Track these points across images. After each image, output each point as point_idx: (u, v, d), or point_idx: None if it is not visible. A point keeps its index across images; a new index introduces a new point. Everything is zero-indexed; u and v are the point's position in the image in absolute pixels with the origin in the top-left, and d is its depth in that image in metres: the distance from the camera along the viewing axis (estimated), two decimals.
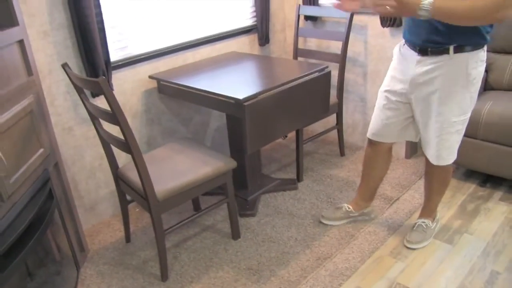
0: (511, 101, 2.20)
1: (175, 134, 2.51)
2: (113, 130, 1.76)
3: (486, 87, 2.44)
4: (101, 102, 2.05)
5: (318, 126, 3.02)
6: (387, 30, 2.50)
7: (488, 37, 1.54)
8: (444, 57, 1.56)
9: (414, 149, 2.71)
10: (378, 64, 2.62)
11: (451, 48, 1.53)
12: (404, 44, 1.71)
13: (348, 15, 2.43)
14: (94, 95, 2.07)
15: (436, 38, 1.54)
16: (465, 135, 1.82)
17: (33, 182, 1.57)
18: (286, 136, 2.99)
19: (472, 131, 2.18)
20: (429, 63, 1.60)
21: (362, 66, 2.71)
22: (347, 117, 2.89)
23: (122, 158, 2.11)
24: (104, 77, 1.97)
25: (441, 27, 1.50)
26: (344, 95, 2.73)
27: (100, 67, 1.99)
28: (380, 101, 1.84)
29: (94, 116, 1.77)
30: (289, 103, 1.99)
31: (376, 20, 2.50)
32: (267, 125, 1.93)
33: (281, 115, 1.98)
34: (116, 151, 1.86)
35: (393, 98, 1.77)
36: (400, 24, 2.40)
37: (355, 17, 2.51)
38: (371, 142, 1.93)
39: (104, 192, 2.28)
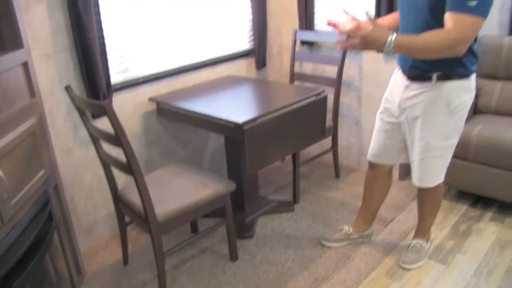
0: (499, 124, 2.28)
1: (173, 156, 2.52)
2: (113, 151, 1.78)
3: (476, 111, 2.52)
4: (101, 124, 2.07)
5: (313, 149, 3.05)
6: (381, 55, 2.58)
7: (472, 68, 1.59)
8: (427, 84, 1.62)
9: (408, 171, 2.75)
10: (373, 88, 2.70)
11: (434, 76, 1.59)
12: (398, 69, 1.78)
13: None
14: (95, 117, 2.09)
15: (420, 65, 1.60)
16: (456, 157, 1.87)
17: (34, 204, 1.55)
18: (283, 159, 3.02)
19: (463, 154, 2.25)
20: (414, 89, 1.66)
21: (356, 90, 2.79)
22: (342, 139, 2.94)
23: (121, 179, 2.11)
24: (107, 100, 1.99)
25: None
26: (339, 118, 2.79)
27: (101, 89, 2.01)
28: (377, 123, 1.90)
29: (96, 137, 1.78)
30: (287, 126, 2.03)
31: None
32: (266, 148, 1.96)
33: (279, 138, 2.02)
34: (114, 172, 1.87)
35: (387, 120, 1.83)
36: None
37: None
38: (371, 165, 1.98)
39: (102, 213, 2.27)
